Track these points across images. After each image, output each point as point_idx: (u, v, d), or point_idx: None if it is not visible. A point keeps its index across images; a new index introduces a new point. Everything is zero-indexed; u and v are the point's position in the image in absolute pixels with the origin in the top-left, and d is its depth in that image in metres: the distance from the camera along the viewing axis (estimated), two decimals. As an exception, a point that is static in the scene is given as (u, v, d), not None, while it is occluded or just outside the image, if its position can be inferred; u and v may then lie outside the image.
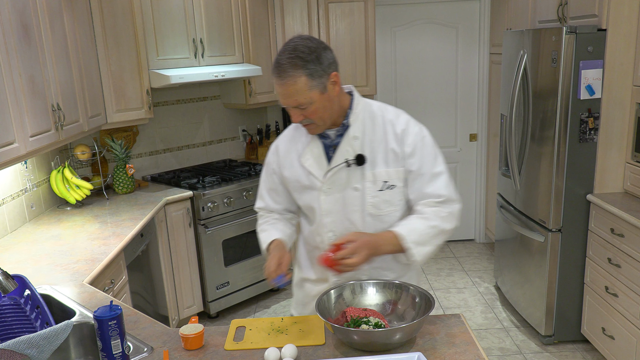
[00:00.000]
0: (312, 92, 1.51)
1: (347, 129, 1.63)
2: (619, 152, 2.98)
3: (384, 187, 1.64)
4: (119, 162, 3.56)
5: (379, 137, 1.64)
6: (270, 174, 1.80)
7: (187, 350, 1.54)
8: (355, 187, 1.64)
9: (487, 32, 4.63)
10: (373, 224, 1.67)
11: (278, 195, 1.80)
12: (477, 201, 5.00)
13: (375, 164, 1.63)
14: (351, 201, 1.66)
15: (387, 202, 1.65)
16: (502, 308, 3.82)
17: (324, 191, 1.66)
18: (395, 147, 1.63)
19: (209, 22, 3.70)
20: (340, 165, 1.63)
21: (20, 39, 2.32)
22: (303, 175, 1.69)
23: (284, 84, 1.50)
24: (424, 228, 1.60)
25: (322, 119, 1.58)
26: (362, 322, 1.49)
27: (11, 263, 2.36)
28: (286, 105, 1.55)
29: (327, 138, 1.67)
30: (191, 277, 3.61)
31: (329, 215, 1.68)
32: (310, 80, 1.50)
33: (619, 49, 2.86)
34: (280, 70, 1.49)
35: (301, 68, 1.48)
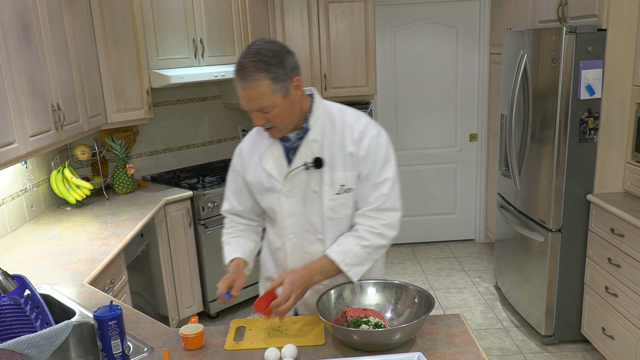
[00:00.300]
0: (275, 96, 1.51)
1: (307, 132, 1.64)
2: (619, 152, 2.98)
3: (341, 191, 1.65)
4: (119, 162, 3.56)
5: (338, 140, 1.65)
6: (235, 176, 1.80)
7: (187, 350, 1.54)
8: (314, 189, 1.66)
9: (487, 32, 4.64)
10: (331, 226, 1.68)
11: (243, 197, 1.80)
12: (477, 201, 5.00)
13: (334, 167, 1.64)
14: (311, 204, 1.67)
15: (344, 205, 1.67)
16: (502, 308, 3.82)
17: (285, 193, 1.68)
18: (353, 151, 1.63)
19: (209, 22, 3.70)
20: (299, 168, 1.64)
21: (20, 39, 2.32)
22: (264, 177, 1.70)
23: (247, 88, 1.49)
24: (357, 249, 1.64)
25: (284, 123, 1.58)
26: (362, 322, 1.49)
27: (11, 263, 2.36)
28: (248, 109, 1.54)
29: (287, 141, 1.67)
30: (191, 277, 3.61)
31: (290, 218, 1.69)
32: (273, 84, 1.49)
33: (619, 49, 2.86)
34: (244, 73, 1.48)
35: (264, 72, 1.48)
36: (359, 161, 1.63)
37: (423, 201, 4.99)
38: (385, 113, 4.80)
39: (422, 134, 4.86)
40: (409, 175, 4.93)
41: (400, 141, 4.86)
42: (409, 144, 4.87)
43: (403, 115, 4.82)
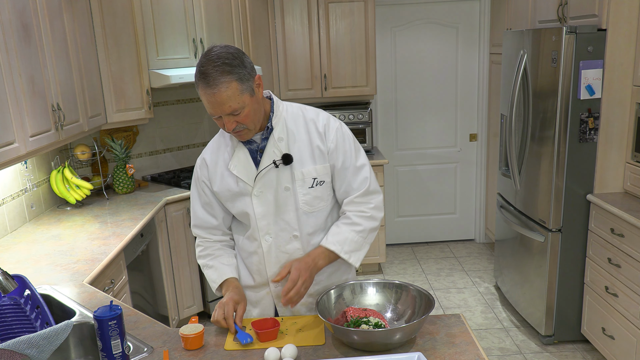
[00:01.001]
0: (244, 96, 1.52)
1: (272, 132, 1.66)
2: (619, 152, 2.99)
3: (313, 184, 1.68)
4: (119, 162, 3.56)
5: (303, 136, 1.68)
6: (202, 189, 1.77)
7: (187, 350, 1.54)
8: (286, 186, 1.67)
9: (487, 32, 4.64)
10: (307, 221, 1.70)
11: (213, 209, 1.78)
12: (477, 201, 5.00)
13: (303, 162, 1.67)
14: (284, 201, 1.68)
15: (318, 198, 1.70)
16: (502, 308, 3.82)
17: (256, 195, 1.68)
18: (320, 144, 1.68)
19: (209, 22, 3.70)
20: (269, 167, 1.65)
21: (20, 39, 2.32)
22: (232, 182, 1.69)
23: (215, 93, 1.49)
24: (353, 235, 1.69)
25: (254, 123, 1.59)
26: (362, 322, 1.49)
27: (11, 263, 2.36)
28: (219, 114, 1.53)
29: (252, 143, 1.68)
30: (191, 277, 3.61)
31: (263, 219, 1.69)
32: (240, 84, 1.51)
33: (619, 49, 2.86)
34: (209, 79, 1.48)
35: (230, 74, 1.49)
36: (331, 153, 1.68)
37: (423, 201, 4.99)
38: (385, 113, 4.80)
39: (422, 134, 4.86)
40: (409, 175, 4.93)
41: (400, 141, 4.86)
42: (409, 144, 4.87)
43: (403, 115, 4.82)
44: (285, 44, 4.21)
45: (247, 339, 1.53)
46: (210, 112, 1.55)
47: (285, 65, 4.25)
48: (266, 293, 1.79)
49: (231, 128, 1.56)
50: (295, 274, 1.59)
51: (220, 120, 1.56)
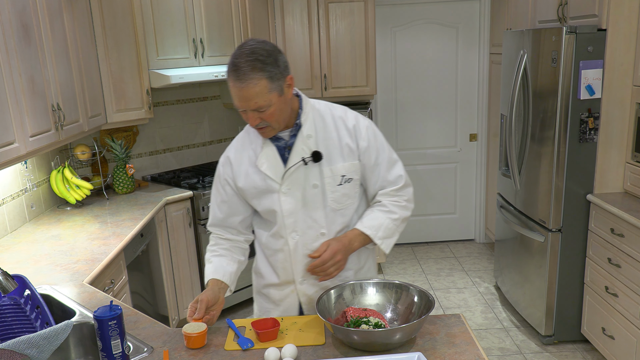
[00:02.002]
0: (271, 95, 1.52)
1: (300, 129, 1.66)
2: (619, 152, 2.98)
3: (342, 181, 1.69)
4: (119, 162, 3.56)
5: (332, 133, 1.68)
6: (222, 186, 1.76)
7: (189, 349, 1.54)
8: (315, 184, 1.67)
9: (487, 32, 4.64)
10: (334, 219, 1.71)
11: (230, 208, 1.77)
12: (477, 201, 5.00)
13: (331, 159, 1.67)
14: (312, 199, 1.68)
15: (346, 195, 1.70)
16: (502, 308, 3.82)
17: (284, 192, 1.67)
18: (350, 142, 1.68)
19: (209, 22, 3.70)
20: (298, 164, 1.65)
21: (20, 39, 2.32)
22: (259, 180, 1.69)
23: (244, 87, 1.49)
24: (388, 222, 1.71)
25: (278, 122, 1.59)
26: (362, 322, 1.49)
27: (11, 263, 2.36)
28: (244, 109, 1.54)
29: (280, 140, 1.68)
30: (191, 277, 3.61)
31: (291, 216, 1.69)
32: (270, 83, 1.51)
33: (619, 49, 2.86)
34: (240, 73, 1.48)
35: (261, 71, 1.49)
36: (364, 152, 1.69)
37: (423, 201, 4.99)
38: (385, 113, 4.80)
39: (422, 134, 4.86)
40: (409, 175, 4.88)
41: (400, 141, 4.86)
42: (409, 144, 4.87)
43: (403, 115, 4.82)
44: (285, 44, 4.21)
45: (248, 344, 1.53)
46: (236, 105, 1.55)
47: (285, 65, 4.25)
48: (291, 291, 1.78)
49: (254, 124, 1.57)
50: (329, 254, 1.61)
51: (245, 114, 1.57)
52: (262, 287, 1.87)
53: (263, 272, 1.84)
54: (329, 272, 1.63)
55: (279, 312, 1.83)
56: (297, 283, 1.76)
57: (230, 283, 1.74)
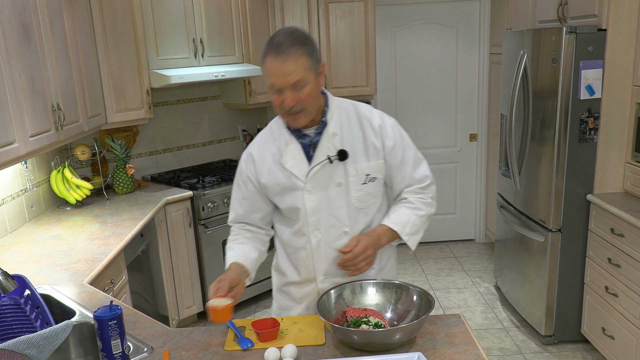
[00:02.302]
0: (310, 73, 1.53)
1: (326, 127, 1.66)
2: (619, 152, 2.98)
3: (366, 180, 1.68)
4: (119, 162, 3.56)
5: (357, 132, 1.68)
6: (244, 183, 1.76)
7: (213, 324, 1.53)
8: (339, 182, 1.67)
9: (487, 32, 4.64)
10: (358, 218, 1.70)
11: (251, 205, 1.77)
12: (477, 201, 5.00)
13: (356, 158, 1.67)
14: (336, 197, 1.68)
15: (370, 195, 1.70)
16: (502, 308, 3.82)
17: (308, 190, 1.67)
18: (376, 142, 1.68)
19: (209, 22, 3.70)
20: (323, 162, 1.65)
21: (20, 39, 2.32)
22: (283, 177, 1.68)
23: (284, 62, 1.49)
24: (415, 219, 1.71)
25: (312, 106, 1.59)
26: (362, 322, 1.49)
27: (11, 263, 2.36)
28: (282, 85, 1.52)
29: (305, 137, 1.68)
30: (191, 277, 3.61)
31: (314, 214, 1.69)
32: (308, 60, 1.52)
33: (619, 49, 2.86)
34: (280, 48, 1.49)
35: (302, 46, 1.51)
36: (390, 151, 1.70)
37: (423, 201, 4.98)
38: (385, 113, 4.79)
39: (422, 134, 4.86)
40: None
41: (400, 141, 4.85)
42: (409, 144, 4.86)
43: (403, 115, 4.82)
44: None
45: (248, 344, 1.53)
46: (272, 83, 1.53)
47: (285, 65, 4.25)
48: (312, 289, 1.77)
49: (290, 104, 1.54)
50: (360, 248, 1.60)
51: (279, 97, 1.55)
52: (282, 284, 1.86)
53: (284, 269, 1.83)
54: (360, 266, 1.62)
55: (300, 310, 1.82)
56: (318, 281, 1.75)
57: (251, 269, 1.72)
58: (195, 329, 1.66)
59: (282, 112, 1.59)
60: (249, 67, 3.78)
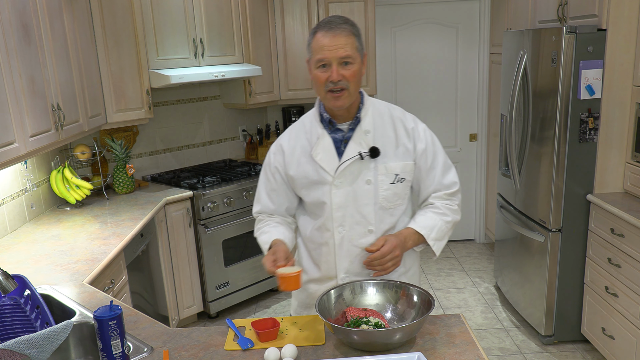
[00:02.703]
0: (357, 54, 1.59)
1: (359, 123, 1.68)
2: (619, 152, 2.98)
3: (395, 180, 1.68)
4: (119, 162, 3.56)
5: (389, 132, 1.70)
6: (272, 174, 1.78)
7: (283, 292, 1.53)
8: (368, 179, 1.67)
9: (487, 32, 4.64)
10: (383, 217, 1.70)
11: (279, 197, 1.79)
12: (477, 201, 5.00)
13: (387, 157, 1.68)
14: (363, 194, 1.68)
15: (397, 195, 1.70)
16: (502, 308, 3.82)
17: (335, 185, 1.67)
18: (407, 143, 1.70)
19: (209, 22, 3.70)
20: (354, 158, 1.65)
21: (20, 39, 2.32)
22: (312, 170, 1.69)
23: (335, 35, 1.55)
24: (441, 224, 1.71)
25: (355, 89, 1.62)
26: (362, 322, 1.49)
27: (11, 263, 2.36)
28: (332, 57, 1.55)
29: (338, 132, 1.70)
30: (191, 277, 3.61)
31: (340, 210, 1.69)
32: (357, 41, 1.59)
33: (619, 49, 2.86)
34: (333, 24, 1.56)
35: (353, 27, 1.59)
36: (421, 154, 1.70)
37: (423, 201, 4.98)
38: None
39: (422, 134, 4.85)
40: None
41: (400, 141, 4.85)
42: (409, 144, 4.87)
43: (403, 115, 4.81)
44: (285, 44, 4.21)
45: (248, 344, 1.53)
46: (321, 57, 1.57)
47: (285, 65, 4.25)
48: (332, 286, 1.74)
49: (336, 78, 1.57)
50: (388, 247, 1.60)
51: (325, 73, 1.58)
52: (304, 282, 1.84)
53: (304, 266, 1.83)
54: (387, 266, 1.61)
55: None
56: (339, 279, 1.74)
57: (290, 247, 1.72)
58: (195, 329, 1.66)
59: (326, 89, 1.60)
60: (249, 67, 3.78)
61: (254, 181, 3.77)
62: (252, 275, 3.89)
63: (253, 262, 3.88)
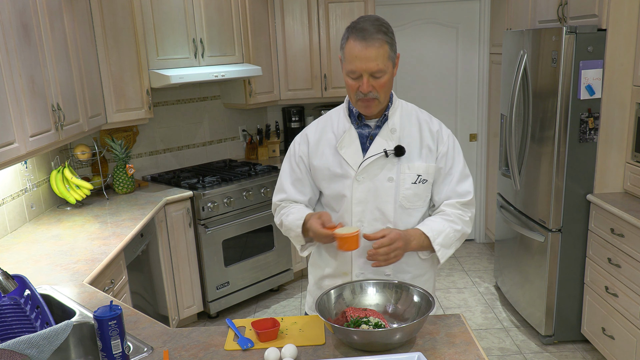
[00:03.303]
0: (389, 62, 1.58)
1: (387, 121, 1.69)
2: (619, 152, 2.98)
3: (417, 181, 1.68)
4: (119, 162, 3.56)
5: (415, 133, 1.71)
6: (297, 164, 1.77)
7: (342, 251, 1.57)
8: (390, 177, 1.67)
9: (487, 32, 4.64)
10: (402, 217, 1.70)
11: (304, 186, 1.78)
12: (477, 201, 5.00)
13: (411, 157, 1.68)
14: (384, 191, 1.68)
15: (417, 196, 1.70)
16: (502, 308, 3.82)
17: (358, 180, 1.68)
18: (431, 144, 1.70)
19: (209, 22, 3.70)
20: (379, 155, 1.66)
21: (20, 39, 2.32)
22: (336, 163, 1.70)
23: (369, 47, 1.52)
24: (449, 231, 1.68)
25: (385, 97, 1.63)
26: (362, 322, 1.49)
27: (11, 263, 2.36)
28: (363, 71, 1.55)
29: (365, 128, 1.70)
30: (191, 277, 3.61)
31: (359, 205, 1.69)
32: (390, 49, 1.57)
33: (619, 49, 2.86)
34: (366, 34, 1.53)
35: (385, 35, 1.55)
36: (442, 156, 1.70)
37: (423, 201, 4.98)
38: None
39: (422, 134, 4.86)
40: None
41: (400, 141, 4.85)
42: (409, 144, 4.87)
43: (403, 115, 4.82)
44: (285, 44, 4.21)
45: (248, 344, 1.53)
46: (353, 68, 1.56)
47: (285, 65, 4.25)
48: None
49: (366, 90, 1.57)
50: (394, 235, 1.57)
51: (356, 83, 1.58)
52: (319, 279, 1.84)
53: (319, 262, 1.82)
54: (389, 257, 1.58)
55: None
56: (353, 275, 1.74)
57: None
58: (195, 329, 1.66)
59: (357, 97, 1.61)
60: (249, 67, 3.78)
61: (254, 181, 3.77)
62: (252, 275, 3.89)
63: (253, 262, 3.88)
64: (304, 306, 1.93)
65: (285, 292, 4.17)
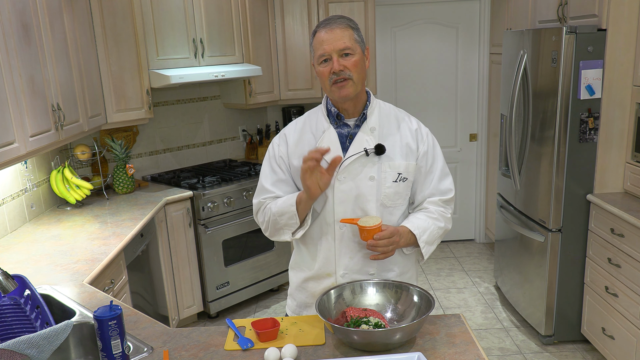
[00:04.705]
0: (356, 45, 1.63)
1: (366, 120, 1.70)
2: (619, 152, 2.98)
3: (398, 179, 1.69)
4: (119, 162, 3.56)
5: (394, 131, 1.71)
6: (278, 165, 1.76)
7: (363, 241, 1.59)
8: (371, 176, 1.67)
9: (487, 32, 4.64)
10: (384, 215, 1.70)
11: (286, 186, 1.75)
12: (477, 201, 5.00)
13: (391, 155, 1.69)
14: (366, 190, 1.68)
15: (398, 194, 1.71)
16: (502, 308, 3.82)
17: (339, 179, 1.68)
18: (411, 143, 1.71)
19: (209, 22, 3.70)
20: (359, 154, 1.66)
21: (20, 39, 2.32)
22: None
23: (334, 29, 1.60)
24: (434, 228, 1.71)
25: (359, 77, 1.64)
26: (362, 322, 1.49)
27: (11, 263, 2.36)
28: (331, 50, 1.60)
29: (344, 127, 1.71)
30: (191, 277, 3.61)
31: (341, 204, 1.69)
32: (355, 34, 1.63)
33: (619, 49, 2.86)
34: (330, 21, 1.62)
35: (349, 21, 1.64)
36: (422, 155, 1.72)
37: (423, 201, 4.98)
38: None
39: (422, 134, 4.85)
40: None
41: (400, 141, 4.85)
42: (409, 144, 4.86)
43: (403, 115, 4.81)
44: (285, 44, 4.21)
45: (248, 344, 1.53)
46: (322, 52, 1.61)
47: (285, 65, 4.25)
48: (331, 284, 1.73)
49: (338, 68, 1.60)
50: (393, 229, 1.60)
51: (327, 66, 1.61)
52: (301, 281, 1.82)
53: (301, 264, 1.81)
54: (388, 249, 1.60)
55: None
56: (337, 275, 1.73)
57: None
58: (195, 329, 1.66)
59: (330, 82, 1.63)
60: (249, 67, 3.78)
61: (254, 181, 3.77)
62: (252, 275, 3.89)
63: (253, 262, 3.88)
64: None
65: (285, 292, 4.17)
